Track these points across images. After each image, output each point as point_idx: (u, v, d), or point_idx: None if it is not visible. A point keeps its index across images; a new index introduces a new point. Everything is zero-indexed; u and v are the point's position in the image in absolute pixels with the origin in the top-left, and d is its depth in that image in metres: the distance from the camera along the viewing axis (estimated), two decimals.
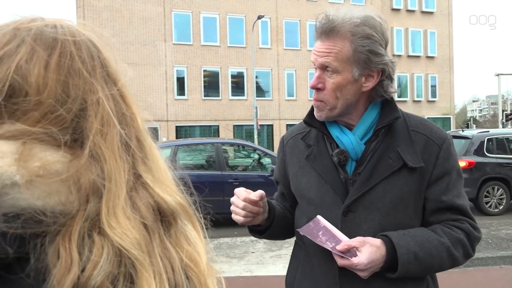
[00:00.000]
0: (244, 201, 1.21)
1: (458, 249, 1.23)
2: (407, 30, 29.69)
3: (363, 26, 1.19)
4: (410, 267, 1.17)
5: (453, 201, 1.26)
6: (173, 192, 0.52)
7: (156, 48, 24.53)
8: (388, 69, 1.24)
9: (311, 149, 1.33)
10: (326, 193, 1.27)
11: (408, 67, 29.79)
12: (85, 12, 23.47)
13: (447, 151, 1.27)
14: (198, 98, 25.37)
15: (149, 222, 0.47)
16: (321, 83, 1.23)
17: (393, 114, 1.25)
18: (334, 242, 1.16)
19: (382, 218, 1.22)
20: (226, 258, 6.01)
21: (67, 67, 0.48)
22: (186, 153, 8.48)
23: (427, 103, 30.42)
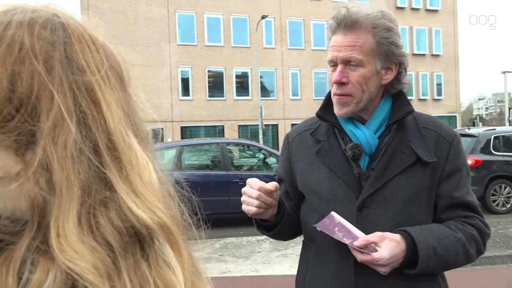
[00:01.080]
0: (259, 190, 1.18)
1: (472, 245, 1.23)
2: (412, 29, 29.56)
3: (383, 19, 1.22)
4: (430, 262, 1.16)
5: (464, 197, 1.26)
6: (155, 207, 0.43)
7: (161, 49, 24.59)
8: (406, 61, 1.27)
9: (322, 144, 1.31)
10: (338, 189, 1.25)
11: (413, 66, 29.63)
12: (90, 14, 23.57)
13: (457, 148, 1.27)
14: (203, 98, 25.41)
15: (115, 243, 0.39)
16: (345, 77, 1.22)
17: (406, 108, 1.26)
18: (351, 238, 1.15)
19: (396, 213, 1.22)
20: (233, 257, 6.02)
21: (14, 59, 0.41)
22: (191, 153, 8.50)
23: (433, 102, 30.28)
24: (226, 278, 5.17)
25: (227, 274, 5.35)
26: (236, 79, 26.14)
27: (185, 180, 7.95)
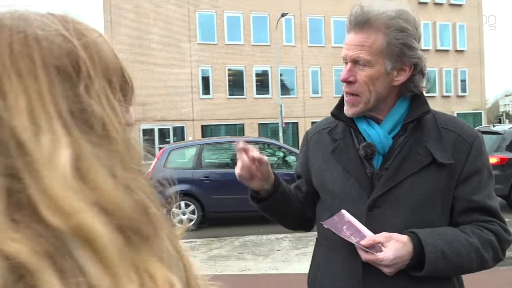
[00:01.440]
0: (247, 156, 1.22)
1: (488, 251, 1.19)
2: (435, 24, 28.98)
3: (398, 19, 1.19)
4: (438, 265, 1.14)
5: (484, 201, 1.22)
6: (71, 208, 0.40)
7: (181, 49, 24.82)
8: (421, 63, 1.23)
9: (337, 143, 1.31)
10: (351, 187, 1.25)
11: (437, 62, 29.07)
12: (112, 15, 23.97)
13: (478, 149, 1.24)
14: (223, 97, 25.53)
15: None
16: (353, 76, 1.21)
17: (423, 108, 1.23)
18: (358, 237, 1.14)
19: (408, 215, 1.20)
20: (252, 255, 6.04)
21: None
22: (211, 151, 8.56)
23: (457, 98, 29.64)
24: (245, 276, 5.20)
25: (246, 271, 5.38)
26: (256, 77, 26.17)
27: (205, 178, 8.02)
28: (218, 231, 7.80)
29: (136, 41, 24.05)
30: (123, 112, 0.51)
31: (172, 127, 24.77)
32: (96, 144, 0.45)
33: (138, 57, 23.98)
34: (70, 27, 0.49)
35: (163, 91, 24.41)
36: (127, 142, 0.50)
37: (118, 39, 23.81)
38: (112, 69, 0.52)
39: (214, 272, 5.36)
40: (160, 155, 8.20)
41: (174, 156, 8.34)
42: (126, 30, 23.97)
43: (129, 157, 0.49)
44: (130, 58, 23.82)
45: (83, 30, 0.50)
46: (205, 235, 7.49)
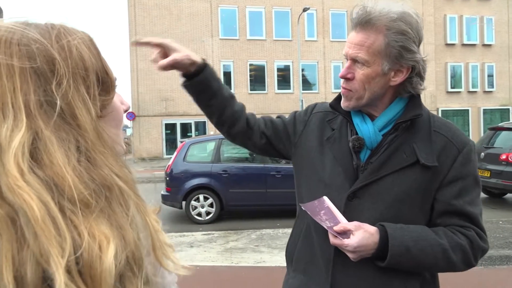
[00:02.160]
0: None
1: (457, 254, 1.23)
2: (462, 17, 28.28)
3: (399, 21, 1.20)
4: (400, 259, 1.19)
5: (463, 206, 1.25)
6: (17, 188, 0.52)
7: (203, 44, 25.03)
8: (419, 66, 1.25)
9: (333, 132, 1.37)
10: (337, 176, 1.31)
11: (463, 56, 28.41)
12: (136, 10, 24.35)
13: (466, 156, 1.26)
14: (245, 92, 25.64)
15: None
16: (351, 73, 1.26)
17: (416, 111, 1.27)
18: (333, 222, 1.21)
19: (385, 209, 1.24)
20: (268, 248, 6.14)
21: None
22: (230, 146, 8.67)
23: (483, 94, 28.91)
24: (260, 268, 5.30)
25: (261, 264, 5.47)
26: (277, 72, 26.16)
27: (223, 172, 8.15)
28: (235, 224, 7.92)
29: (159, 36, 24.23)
30: (96, 106, 0.61)
31: (194, 122, 25.05)
32: (63, 131, 0.56)
33: None
34: (54, 32, 0.60)
35: None
36: (97, 130, 0.60)
37: (141, 34, 24.12)
38: (88, 67, 0.61)
39: (230, 264, 5.49)
40: (180, 149, 8.38)
41: (193, 150, 8.49)
42: (149, 26, 24.32)
43: (98, 142, 0.59)
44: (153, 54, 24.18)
45: (66, 35, 0.61)
46: (223, 227, 7.63)
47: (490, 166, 8.89)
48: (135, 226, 0.59)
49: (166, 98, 24.52)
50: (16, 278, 0.48)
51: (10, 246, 0.49)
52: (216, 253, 5.99)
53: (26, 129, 0.54)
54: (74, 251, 0.50)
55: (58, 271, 0.48)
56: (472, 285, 4.46)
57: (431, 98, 27.62)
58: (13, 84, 0.55)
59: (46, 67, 0.58)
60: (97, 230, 0.53)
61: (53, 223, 0.50)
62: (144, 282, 0.58)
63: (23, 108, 0.55)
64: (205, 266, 5.30)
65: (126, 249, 0.55)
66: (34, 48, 0.58)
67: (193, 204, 8.16)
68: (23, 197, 0.50)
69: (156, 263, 0.64)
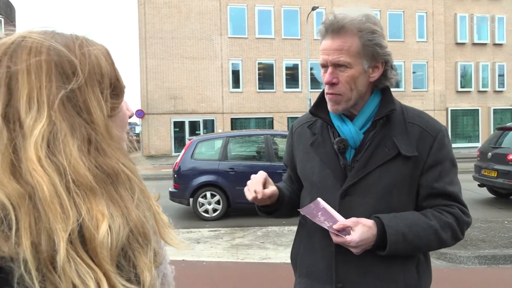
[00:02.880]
0: (256, 191, 1.39)
1: (446, 232, 1.33)
2: (472, 16, 28.04)
3: (368, 22, 1.32)
4: (398, 246, 1.28)
5: (445, 187, 1.35)
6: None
7: (212, 42, 25.13)
8: (391, 59, 1.38)
9: (316, 137, 1.46)
10: (327, 178, 1.40)
11: (473, 56, 28.18)
12: (146, 9, 24.52)
13: (440, 142, 1.36)
14: (253, 90, 25.71)
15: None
16: (336, 78, 1.34)
17: (390, 106, 1.37)
18: (331, 222, 1.29)
19: (376, 201, 1.34)
20: (273, 245, 6.22)
21: None
22: (237, 144, 8.76)
23: (494, 94, 28.64)
24: (266, 264, 5.38)
25: (267, 260, 5.56)
26: (286, 71, 26.17)
27: (230, 169, 8.23)
28: (241, 221, 8.00)
29: (169, 35, 24.54)
30: (107, 107, 0.73)
31: (203, 120, 25.18)
32: (78, 124, 0.68)
33: (170, 51, 24.48)
34: (77, 42, 0.73)
35: (194, 85, 24.83)
36: (107, 126, 0.71)
37: (151, 33, 24.36)
38: (104, 74, 0.74)
39: (236, 260, 5.58)
40: (188, 147, 8.48)
41: (201, 148, 8.59)
42: (159, 25, 24.48)
43: (108, 136, 0.71)
44: (162, 52, 24.34)
45: (88, 45, 0.74)
46: (229, 224, 7.73)
47: (497, 166, 8.87)
48: (141, 207, 0.70)
49: (174, 96, 24.68)
50: (32, 245, 0.58)
51: (28, 218, 0.59)
52: (222, 249, 6.09)
53: (47, 121, 0.65)
54: (77, 227, 0.61)
55: (61, 242, 0.59)
56: (476, 284, 4.50)
57: (440, 97, 27.46)
58: (40, 82, 0.66)
59: (69, 69, 0.69)
60: (95, 210, 0.63)
61: (59, 203, 0.61)
62: (154, 253, 0.70)
63: (45, 102, 0.66)
64: (211, 262, 5.40)
65: (129, 225, 0.66)
66: (59, 54, 0.69)
67: (200, 201, 8.26)
68: (37, 179, 0.61)
69: (159, 239, 0.75)
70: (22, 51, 0.67)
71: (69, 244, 0.60)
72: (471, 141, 28.01)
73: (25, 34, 0.69)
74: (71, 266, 0.59)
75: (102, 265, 0.62)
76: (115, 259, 0.64)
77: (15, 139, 0.64)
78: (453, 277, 4.72)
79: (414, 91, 27.14)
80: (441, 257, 5.50)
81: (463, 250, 5.55)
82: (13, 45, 0.68)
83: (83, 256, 0.61)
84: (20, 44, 0.68)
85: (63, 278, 0.59)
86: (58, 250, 0.59)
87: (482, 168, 9.37)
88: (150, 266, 0.68)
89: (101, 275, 0.61)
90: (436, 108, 27.40)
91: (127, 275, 0.66)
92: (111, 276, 0.62)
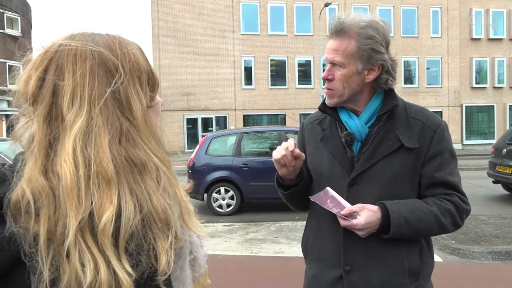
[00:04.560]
0: (286, 150, 1.42)
1: (446, 217, 1.43)
2: (488, 11, 27.61)
3: (368, 28, 1.43)
4: (401, 229, 1.38)
5: (445, 177, 1.46)
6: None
7: (225, 39, 25.21)
8: (387, 65, 1.46)
9: (325, 132, 1.58)
10: (335, 169, 1.51)
11: (488, 51, 27.78)
12: (159, 6, 24.70)
13: (440, 135, 1.47)
14: (265, 87, 25.74)
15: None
16: (331, 75, 1.48)
17: (393, 103, 1.49)
18: (339, 208, 1.40)
19: (381, 190, 1.45)
20: (287, 240, 6.29)
21: None
22: (250, 140, 8.83)
23: (510, 90, 28.18)
24: (279, 258, 5.46)
25: (280, 254, 5.63)
26: (298, 67, 26.13)
27: (244, 165, 8.32)
28: (255, 216, 8.10)
29: (182, 32, 24.68)
30: (147, 98, 0.81)
31: (215, 117, 25.31)
32: (114, 117, 0.74)
33: (183, 48, 24.62)
34: (116, 42, 0.81)
35: (207, 81, 24.95)
36: (146, 118, 0.79)
37: (164, 30, 24.54)
38: (142, 70, 0.82)
39: (250, 253, 5.67)
40: (202, 143, 8.58)
41: (215, 144, 8.69)
42: (172, 22, 24.64)
43: (145, 127, 0.78)
44: (175, 49, 24.50)
45: (125, 44, 0.82)
46: (243, 219, 7.83)
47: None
48: (166, 195, 0.77)
49: (187, 93, 24.85)
50: (48, 232, 0.66)
51: (47, 210, 0.68)
52: (236, 243, 6.18)
53: (86, 116, 0.72)
54: (88, 215, 0.68)
55: (70, 229, 0.66)
56: (490, 279, 4.52)
57: (454, 93, 27.15)
58: (83, 80, 0.74)
59: (112, 67, 0.77)
60: (106, 199, 0.70)
61: (77, 193, 0.68)
62: (174, 237, 0.77)
63: (87, 99, 0.74)
64: (226, 255, 5.49)
65: (142, 212, 0.72)
66: (102, 55, 0.77)
67: (214, 196, 8.37)
68: (65, 169, 0.68)
69: (184, 225, 0.82)
70: (68, 55, 0.75)
71: (79, 231, 0.67)
72: (486, 138, 27.66)
73: (67, 41, 0.77)
74: (76, 252, 0.66)
75: (105, 252, 0.68)
76: (123, 245, 0.69)
77: (53, 133, 0.72)
78: (467, 272, 4.74)
79: (428, 87, 26.87)
80: (454, 253, 5.52)
81: (477, 246, 5.55)
82: (58, 52, 0.75)
83: (89, 243, 0.67)
84: (64, 50, 0.75)
85: (69, 261, 0.66)
86: (67, 237, 0.66)
87: (496, 164, 9.30)
88: (168, 250, 0.74)
89: (101, 262, 0.67)
90: (451, 105, 27.11)
91: (140, 258, 0.72)
92: (112, 261, 0.68)
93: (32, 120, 0.73)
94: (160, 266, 0.73)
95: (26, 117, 0.75)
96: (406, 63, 26.69)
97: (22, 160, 0.73)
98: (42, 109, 0.73)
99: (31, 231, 0.67)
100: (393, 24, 26.42)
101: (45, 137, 0.71)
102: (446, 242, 5.79)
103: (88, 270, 0.66)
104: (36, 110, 0.73)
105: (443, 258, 5.34)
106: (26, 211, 0.67)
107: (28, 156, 0.72)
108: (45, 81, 0.74)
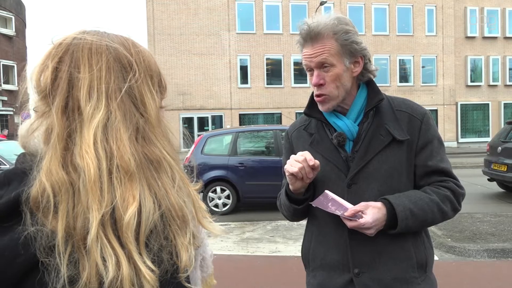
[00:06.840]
0: (303, 161, 1.36)
1: (446, 204, 1.43)
2: (482, 10, 27.73)
3: (340, 25, 1.43)
4: (408, 222, 1.37)
5: (437, 165, 1.47)
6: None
7: (220, 38, 25.17)
8: (367, 53, 1.50)
9: (313, 136, 1.55)
10: (330, 171, 1.48)
11: (483, 49, 27.89)
12: (154, 5, 24.62)
13: (427, 124, 1.48)
14: (261, 86, 25.72)
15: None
16: (322, 79, 1.45)
17: (378, 97, 1.48)
18: (342, 210, 1.37)
19: (380, 186, 1.43)
20: (283, 239, 6.28)
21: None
22: (246, 139, 8.82)
23: (505, 88, 28.33)
24: (275, 257, 5.46)
25: (276, 253, 5.63)
26: (294, 66, 26.12)
27: (240, 164, 8.31)
28: (251, 215, 8.09)
29: (177, 31, 24.62)
30: (159, 98, 0.82)
31: (211, 116, 25.27)
32: (130, 113, 0.74)
33: (178, 47, 24.56)
34: (129, 41, 0.82)
35: (203, 81, 24.90)
36: (159, 117, 0.80)
37: (159, 29, 24.46)
38: (153, 70, 0.82)
39: (246, 253, 5.66)
40: (198, 142, 8.56)
41: (210, 143, 8.67)
42: (167, 21, 24.57)
43: (158, 125, 0.79)
44: (170, 49, 24.44)
45: (138, 45, 0.83)
46: (239, 219, 7.82)
47: (507, 160, 8.83)
48: (181, 193, 0.77)
49: (183, 93, 24.80)
50: (67, 227, 0.65)
51: (66, 205, 0.66)
52: (232, 243, 6.17)
53: (105, 110, 0.72)
54: (110, 209, 0.67)
55: (93, 223, 0.65)
56: (485, 277, 4.53)
57: (449, 92, 27.25)
58: (100, 74, 0.74)
59: (127, 64, 0.77)
60: (129, 194, 0.69)
61: (100, 185, 0.67)
62: (192, 235, 0.77)
63: (104, 93, 0.73)
64: (222, 255, 5.48)
65: (161, 209, 0.72)
66: (117, 51, 0.77)
67: (210, 196, 8.36)
68: (87, 161, 0.68)
69: (197, 223, 0.82)
70: (83, 48, 0.75)
71: (101, 225, 0.66)
72: (481, 136, 27.78)
73: (81, 35, 0.77)
74: (98, 246, 0.65)
75: (127, 245, 0.67)
76: (143, 240, 0.69)
77: (71, 125, 0.71)
78: (462, 270, 4.76)
79: (423, 86, 26.95)
80: (450, 251, 5.53)
81: (472, 244, 5.57)
82: (72, 45, 0.75)
83: (110, 238, 0.66)
84: (79, 44, 0.75)
85: (89, 257, 0.65)
86: (90, 231, 0.65)
87: (492, 162, 9.34)
88: (188, 247, 0.74)
89: (123, 257, 0.66)
90: (446, 103, 27.21)
91: (161, 255, 0.71)
92: (134, 256, 0.67)
93: (48, 112, 0.72)
94: (182, 262, 0.73)
95: (38, 112, 0.74)
96: (401, 62, 26.76)
97: (38, 155, 0.72)
98: (60, 101, 0.72)
99: (49, 227, 0.65)
100: (388, 22, 26.47)
101: (65, 129, 0.70)
102: (442, 240, 5.80)
103: (110, 265, 0.65)
104: (52, 102, 0.72)
105: (439, 256, 5.35)
106: (44, 206, 0.66)
107: (44, 150, 0.70)
108: (61, 72, 0.73)
